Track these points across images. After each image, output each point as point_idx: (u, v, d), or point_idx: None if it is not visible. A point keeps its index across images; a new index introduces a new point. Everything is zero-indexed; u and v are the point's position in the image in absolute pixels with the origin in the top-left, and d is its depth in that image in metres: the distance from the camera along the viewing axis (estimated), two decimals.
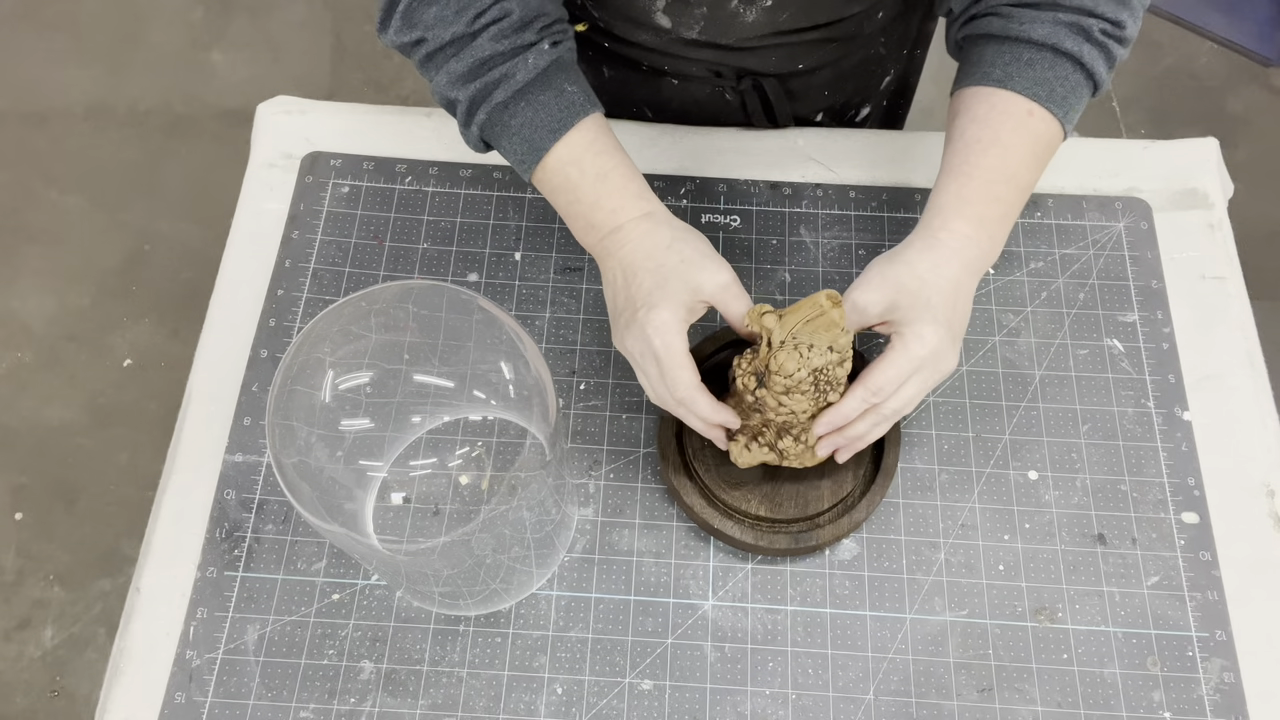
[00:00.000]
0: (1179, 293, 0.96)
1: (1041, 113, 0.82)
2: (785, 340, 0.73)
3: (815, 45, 1.00)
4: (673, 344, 0.77)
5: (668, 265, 0.79)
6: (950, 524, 0.87)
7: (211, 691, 0.80)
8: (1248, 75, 2.52)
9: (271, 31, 2.64)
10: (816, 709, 0.80)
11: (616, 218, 0.82)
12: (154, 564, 0.84)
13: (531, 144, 0.82)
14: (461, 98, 0.82)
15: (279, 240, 0.98)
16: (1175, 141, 1.04)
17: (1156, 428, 0.90)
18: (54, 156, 2.42)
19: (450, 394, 0.79)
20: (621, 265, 0.81)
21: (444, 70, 0.82)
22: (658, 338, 0.77)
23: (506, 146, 0.84)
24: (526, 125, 0.81)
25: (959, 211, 0.81)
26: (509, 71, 0.81)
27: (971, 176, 0.82)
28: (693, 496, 0.85)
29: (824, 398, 0.75)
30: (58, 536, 1.98)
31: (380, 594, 0.83)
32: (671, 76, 1.04)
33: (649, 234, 0.81)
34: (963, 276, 0.80)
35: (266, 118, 1.06)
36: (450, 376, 0.77)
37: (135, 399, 2.11)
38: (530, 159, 0.82)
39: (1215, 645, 0.82)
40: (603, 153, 0.83)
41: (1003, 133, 0.82)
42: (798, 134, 1.05)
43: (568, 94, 0.82)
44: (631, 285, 0.80)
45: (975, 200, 0.82)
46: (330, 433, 0.74)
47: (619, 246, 0.81)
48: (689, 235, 0.81)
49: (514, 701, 0.80)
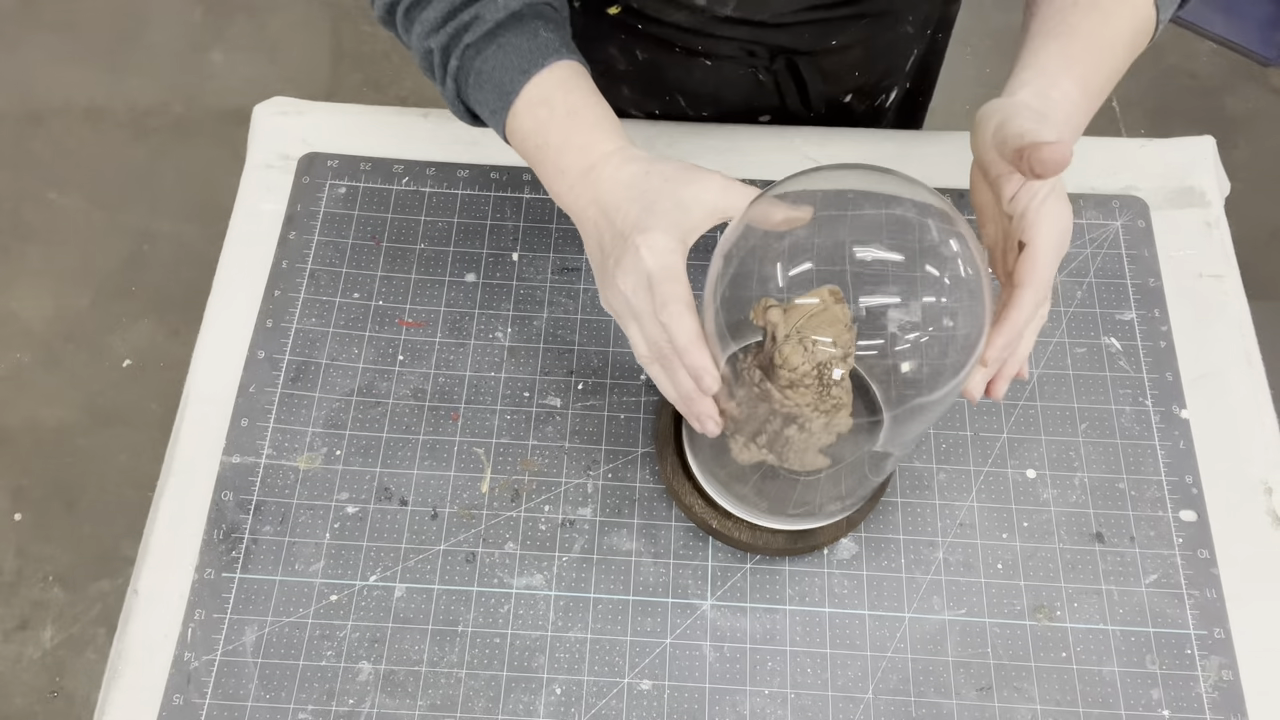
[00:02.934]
0: (1176, 291, 0.96)
1: None
2: (790, 334, 0.73)
3: (847, 21, 1.00)
4: (670, 264, 0.71)
5: (652, 188, 0.73)
6: (949, 523, 0.87)
7: (210, 693, 0.80)
8: (1248, 75, 2.53)
9: (270, 32, 2.64)
10: (816, 708, 0.80)
11: (587, 155, 0.76)
12: (151, 566, 0.84)
13: (501, 88, 0.77)
14: (435, 46, 0.79)
15: (276, 241, 0.98)
16: (1172, 140, 1.04)
17: (1154, 426, 0.90)
18: (53, 156, 2.42)
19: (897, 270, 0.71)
20: (598, 204, 0.75)
21: (419, 21, 0.79)
22: (652, 257, 0.70)
23: (480, 99, 0.79)
24: (497, 68, 0.77)
25: (1068, 71, 0.74)
26: (479, 13, 0.77)
27: (1074, 37, 0.75)
28: (691, 496, 0.85)
29: (827, 392, 0.75)
30: (57, 537, 1.98)
31: (379, 595, 0.83)
32: (705, 57, 1.03)
33: (623, 165, 0.75)
34: (1065, 134, 0.74)
35: (263, 119, 1.06)
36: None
37: (135, 399, 2.11)
38: (500, 105, 0.78)
39: (1214, 643, 0.82)
40: (574, 90, 0.78)
41: (1102, 1, 0.76)
42: (795, 133, 1.05)
43: (541, 37, 0.78)
44: (615, 219, 0.73)
45: (1082, 61, 0.75)
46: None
47: (593, 187, 0.75)
48: (668, 159, 0.76)
49: (513, 702, 0.80)
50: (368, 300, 0.95)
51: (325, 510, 0.86)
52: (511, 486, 0.88)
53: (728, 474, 0.83)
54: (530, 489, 0.88)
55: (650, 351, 0.73)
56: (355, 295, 0.95)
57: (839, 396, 0.72)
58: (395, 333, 0.94)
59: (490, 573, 0.84)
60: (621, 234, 0.72)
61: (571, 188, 0.77)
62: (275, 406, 0.90)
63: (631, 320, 0.74)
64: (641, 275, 0.71)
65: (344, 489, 0.87)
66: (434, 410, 0.91)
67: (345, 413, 0.90)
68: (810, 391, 0.72)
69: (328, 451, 0.89)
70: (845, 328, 0.72)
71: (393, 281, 0.96)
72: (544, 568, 0.85)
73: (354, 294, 0.96)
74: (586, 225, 0.77)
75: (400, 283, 0.96)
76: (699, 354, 0.70)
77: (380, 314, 0.95)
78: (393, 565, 0.84)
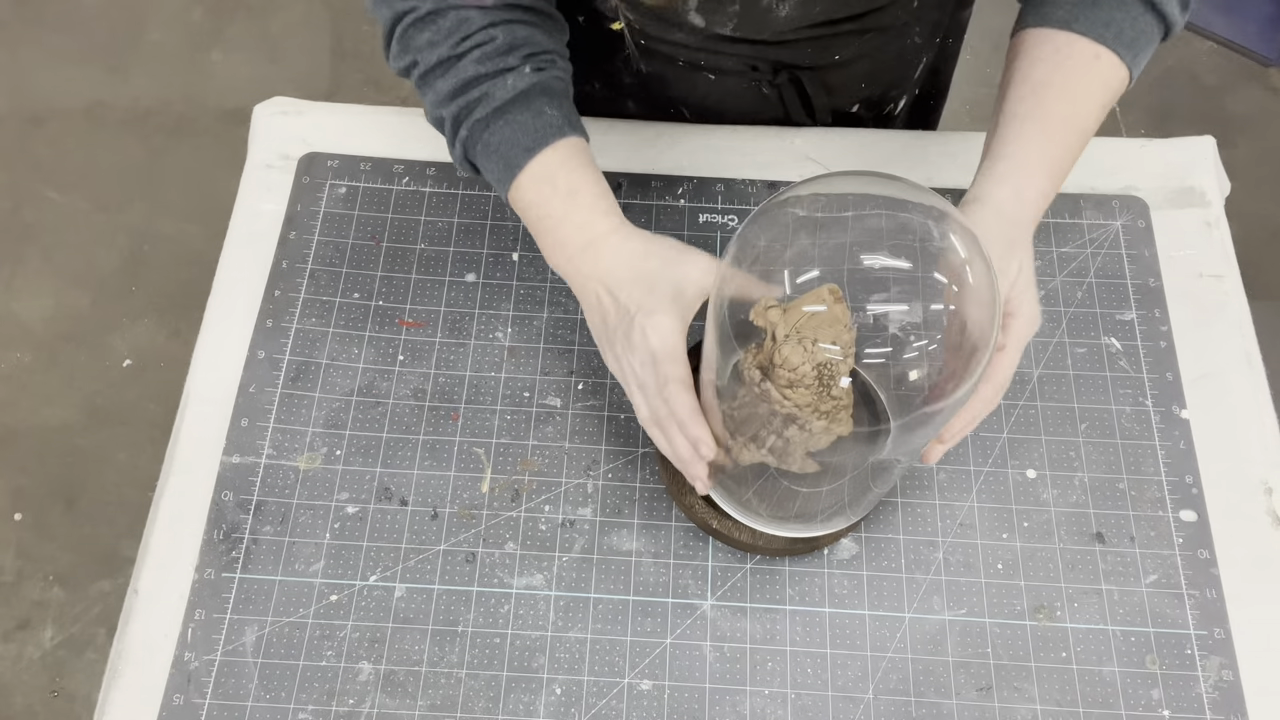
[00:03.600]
0: (1176, 291, 0.96)
1: (1109, 57, 0.79)
2: (790, 334, 0.73)
3: (850, 36, 1.00)
4: (672, 345, 0.77)
5: (652, 270, 0.79)
6: (949, 523, 0.87)
7: (210, 693, 0.80)
8: (1248, 75, 2.52)
9: (271, 32, 2.64)
10: (816, 708, 0.80)
11: (585, 233, 0.81)
12: (151, 566, 0.84)
13: (507, 161, 0.82)
14: (446, 115, 0.83)
15: (276, 241, 0.98)
16: (1172, 140, 1.04)
17: (1154, 426, 0.90)
18: (54, 156, 2.42)
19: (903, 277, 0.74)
20: (602, 282, 0.81)
21: (433, 89, 0.83)
22: (656, 338, 0.77)
23: (486, 166, 0.84)
24: (504, 143, 0.82)
25: (1041, 165, 0.79)
26: (489, 91, 0.82)
27: (1047, 125, 0.79)
28: (691, 496, 0.85)
29: (827, 392, 0.75)
30: (57, 537, 1.98)
31: (379, 595, 0.83)
32: (708, 71, 1.04)
33: (622, 244, 0.81)
34: (1031, 227, 0.79)
35: (263, 119, 1.06)
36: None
37: (135, 399, 2.11)
38: (506, 177, 0.82)
39: (1214, 643, 0.82)
40: (575, 170, 0.82)
41: (1072, 78, 0.79)
42: (795, 133, 1.05)
43: (546, 115, 0.82)
44: (620, 297, 0.79)
45: (1053, 153, 0.79)
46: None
47: (593, 263, 0.81)
48: (660, 239, 0.81)
49: (513, 702, 0.80)
50: (368, 300, 0.95)
51: (325, 510, 0.86)
52: (512, 486, 0.88)
53: (729, 478, 0.83)
54: (530, 489, 0.88)
55: (652, 417, 0.79)
56: (355, 295, 0.95)
57: (839, 398, 0.72)
58: (395, 333, 0.94)
59: (490, 573, 0.84)
60: (627, 311, 0.79)
61: (570, 260, 0.82)
62: (275, 406, 0.90)
63: (636, 390, 0.80)
64: (647, 354, 0.77)
65: (344, 489, 0.87)
66: (434, 410, 0.91)
67: (345, 413, 0.90)
68: (810, 392, 0.72)
69: (328, 451, 0.89)
70: (845, 328, 0.72)
71: (393, 281, 0.96)
72: (544, 568, 0.85)
73: (354, 294, 0.96)
74: (588, 298, 0.82)
75: (400, 283, 0.96)
76: (698, 427, 0.77)
77: (380, 314, 0.95)
78: (393, 565, 0.84)
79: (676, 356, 0.77)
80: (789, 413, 0.73)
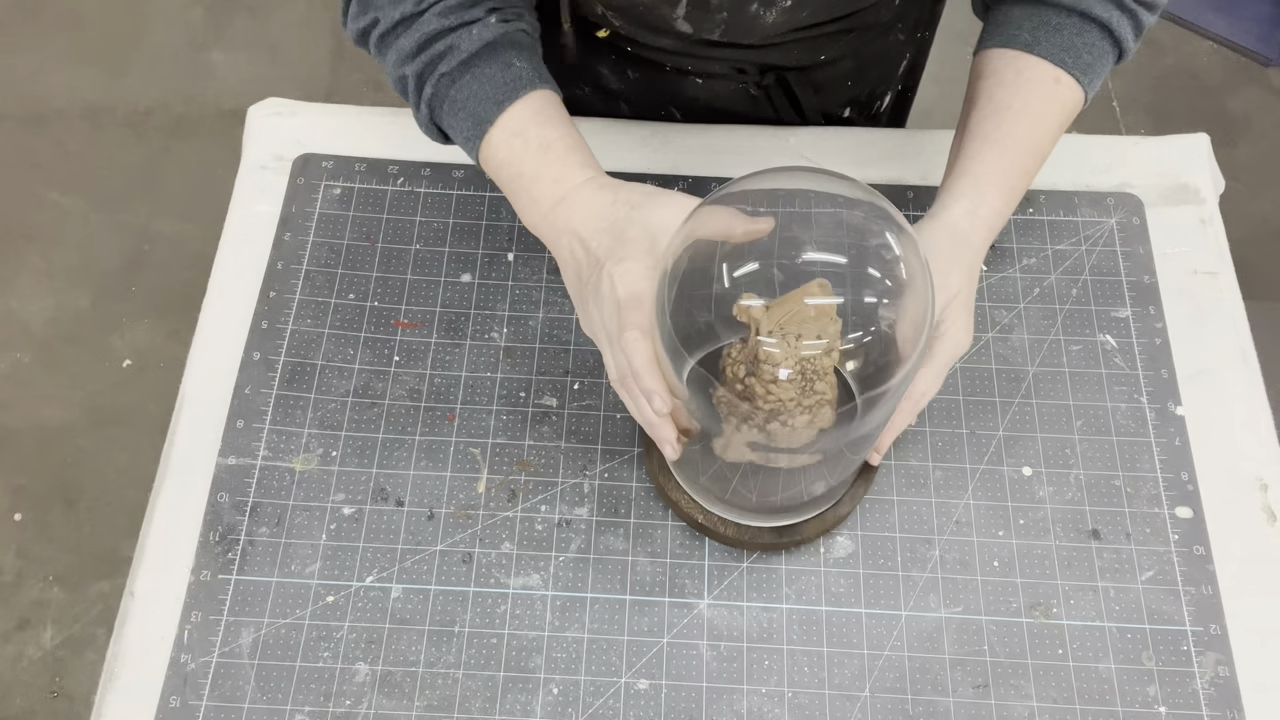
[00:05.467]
0: (1171, 288, 0.96)
1: (1068, 80, 0.82)
2: (773, 330, 0.73)
3: (835, 37, 1.00)
4: (638, 292, 0.74)
5: (621, 217, 0.77)
6: (945, 520, 0.87)
7: (206, 695, 0.80)
8: (1248, 75, 2.52)
9: (271, 32, 2.64)
10: (813, 707, 0.80)
11: (559, 187, 0.79)
12: (148, 567, 0.85)
13: (476, 117, 0.80)
14: (410, 73, 0.82)
15: (271, 242, 0.98)
16: (1167, 137, 1.04)
17: (1150, 423, 0.90)
18: (54, 157, 2.42)
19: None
20: (575, 234, 0.78)
21: (394, 48, 0.82)
22: (622, 286, 0.74)
23: (454, 124, 0.82)
24: (472, 98, 0.80)
25: (997, 184, 0.81)
26: (453, 44, 0.80)
27: (1007, 147, 0.81)
28: (677, 492, 0.85)
29: (810, 386, 0.75)
30: (57, 537, 1.98)
31: (375, 596, 0.84)
32: (695, 76, 1.04)
33: (595, 194, 0.79)
34: (984, 247, 0.81)
35: (257, 120, 1.06)
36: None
37: (135, 400, 2.11)
38: (475, 134, 0.80)
39: (1210, 639, 0.82)
40: (548, 124, 0.81)
41: (1033, 101, 0.82)
42: (790, 133, 1.05)
43: (515, 68, 0.80)
44: (592, 246, 0.77)
45: (1011, 172, 0.81)
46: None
47: (566, 216, 0.79)
48: (634, 185, 0.79)
49: (510, 702, 0.80)
50: (363, 301, 0.95)
51: (321, 511, 0.86)
52: (508, 487, 0.88)
53: (708, 479, 0.83)
54: (527, 489, 0.88)
55: (618, 376, 0.77)
56: (350, 296, 0.96)
57: (823, 391, 0.72)
58: (391, 333, 0.94)
59: (487, 573, 0.84)
60: (598, 261, 0.76)
61: (545, 217, 0.80)
62: (271, 408, 0.90)
63: (606, 345, 0.77)
64: (612, 304, 0.74)
65: (340, 490, 0.87)
66: (430, 411, 0.91)
67: (341, 414, 0.90)
68: (793, 386, 0.72)
69: (323, 453, 0.89)
70: (830, 320, 0.72)
71: (388, 282, 0.96)
72: (541, 568, 0.85)
73: (349, 295, 0.96)
74: (562, 254, 0.80)
75: (395, 283, 0.96)
76: (650, 378, 0.73)
77: (376, 315, 0.95)
78: (389, 566, 0.84)
79: (640, 303, 0.74)
80: (773, 408, 0.73)
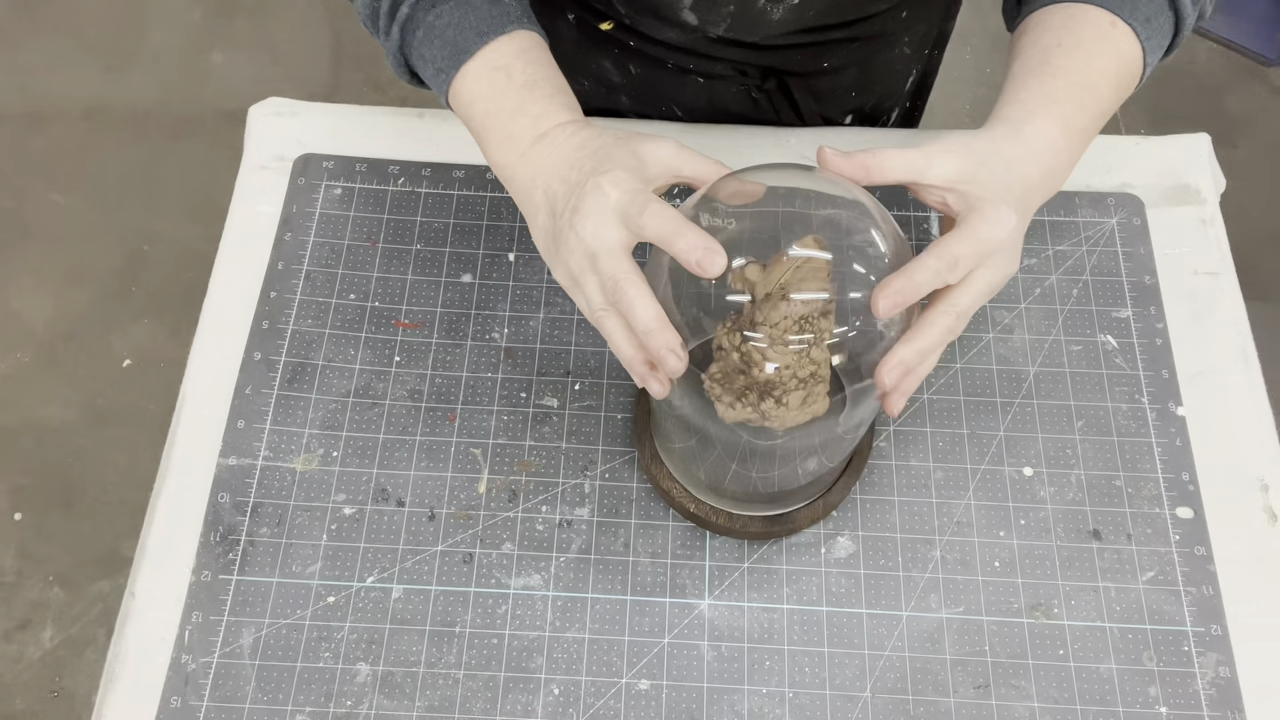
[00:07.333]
0: (1172, 288, 0.96)
1: (1124, 27, 0.73)
2: (772, 292, 0.72)
3: (840, 44, 1.00)
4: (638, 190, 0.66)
5: (605, 144, 0.69)
6: (945, 521, 0.87)
7: (207, 695, 0.80)
8: (1248, 75, 2.52)
9: (271, 32, 2.64)
10: (814, 707, 0.80)
11: (541, 124, 0.72)
12: (148, 568, 0.84)
13: (455, 46, 0.73)
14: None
15: (271, 242, 0.98)
16: (1167, 137, 1.04)
17: (1150, 423, 0.90)
18: (53, 156, 2.42)
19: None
20: (549, 173, 0.70)
21: None
22: (617, 191, 0.65)
23: (426, 54, 0.75)
24: (452, 26, 0.73)
25: (1047, 109, 0.71)
26: None
27: (1056, 76, 0.72)
28: (669, 481, 0.85)
29: (806, 354, 0.73)
30: (57, 537, 1.98)
31: (376, 596, 0.83)
32: (697, 75, 1.04)
33: (578, 132, 0.71)
34: (1040, 184, 0.71)
35: (258, 120, 1.05)
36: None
37: (135, 400, 2.11)
38: (450, 64, 0.73)
39: (1211, 640, 0.82)
40: (534, 63, 0.74)
41: (1085, 39, 0.73)
42: (791, 134, 1.05)
43: (503, 2, 0.74)
44: (569, 174, 0.69)
45: (1063, 100, 0.72)
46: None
47: (544, 155, 0.71)
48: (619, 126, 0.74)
49: (511, 703, 0.80)
50: (364, 301, 0.95)
51: (322, 512, 0.86)
52: (509, 487, 0.88)
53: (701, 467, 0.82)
54: (527, 489, 0.88)
55: (605, 298, 0.67)
56: (351, 296, 0.96)
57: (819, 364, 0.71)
58: (391, 334, 0.94)
59: (488, 573, 0.84)
60: (577, 185, 0.67)
61: (522, 155, 0.73)
62: (272, 408, 0.90)
63: (589, 271, 0.67)
64: (607, 212, 0.66)
65: (341, 490, 0.87)
66: (431, 411, 0.91)
67: (342, 414, 0.90)
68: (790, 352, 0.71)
69: (324, 453, 0.89)
70: (827, 276, 0.71)
71: (389, 282, 0.96)
72: (541, 568, 0.85)
73: (350, 295, 0.96)
74: (536, 196, 0.71)
75: (396, 284, 0.96)
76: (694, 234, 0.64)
77: (376, 315, 0.95)
78: (390, 566, 0.84)
79: (649, 197, 0.65)
80: (767, 379, 0.71)
